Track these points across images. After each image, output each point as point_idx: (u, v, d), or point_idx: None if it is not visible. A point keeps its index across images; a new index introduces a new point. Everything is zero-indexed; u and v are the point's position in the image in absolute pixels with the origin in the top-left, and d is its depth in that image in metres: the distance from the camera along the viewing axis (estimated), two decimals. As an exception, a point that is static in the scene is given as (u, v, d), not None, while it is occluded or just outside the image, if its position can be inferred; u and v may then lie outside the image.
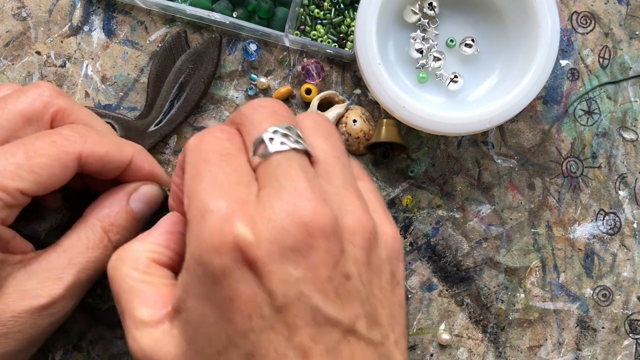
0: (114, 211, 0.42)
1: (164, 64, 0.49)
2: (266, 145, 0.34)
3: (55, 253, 0.40)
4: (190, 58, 0.49)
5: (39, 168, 0.38)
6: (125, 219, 0.42)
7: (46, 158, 0.38)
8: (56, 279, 0.39)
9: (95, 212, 0.42)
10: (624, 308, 0.50)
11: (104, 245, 0.41)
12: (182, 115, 0.49)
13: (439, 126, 0.45)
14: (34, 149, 0.38)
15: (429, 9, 0.47)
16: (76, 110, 0.42)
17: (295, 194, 0.33)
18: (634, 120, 0.51)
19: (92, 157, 0.40)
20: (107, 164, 0.41)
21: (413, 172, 0.50)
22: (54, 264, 0.40)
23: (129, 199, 0.43)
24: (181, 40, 0.49)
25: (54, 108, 0.41)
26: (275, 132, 0.35)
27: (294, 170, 0.34)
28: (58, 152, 0.38)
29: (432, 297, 0.50)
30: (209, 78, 0.49)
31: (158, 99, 0.49)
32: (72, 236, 0.41)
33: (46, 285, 0.39)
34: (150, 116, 0.48)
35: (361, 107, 0.49)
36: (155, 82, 0.49)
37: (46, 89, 0.41)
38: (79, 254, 0.40)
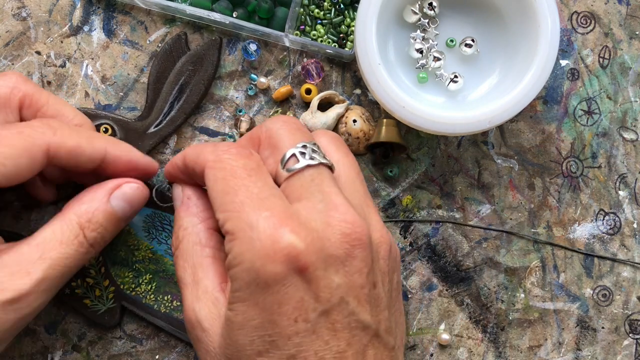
0: (92, 207, 0.40)
1: (163, 65, 0.49)
2: (297, 159, 0.37)
3: (27, 246, 0.38)
4: (190, 60, 0.49)
5: (3, 158, 0.37)
6: (103, 217, 0.41)
7: (12, 148, 0.38)
8: (25, 273, 0.38)
9: (74, 206, 0.41)
10: (624, 308, 0.50)
11: (79, 241, 0.40)
12: (182, 116, 0.49)
13: (439, 126, 0.45)
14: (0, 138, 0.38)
15: (429, 9, 0.47)
16: (45, 96, 0.42)
17: (333, 207, 0.35)
18: (634, 120, 0.51)
19: (62, 149, 0.39)
20: (79, 157, 0.40)
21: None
22: (25, 257, 0.38)
23: (109, 196, 0.41)
24: (181, 42, 0.49)
25: (20, 94, 0.41)
26: (304, 146, 0.37)
27: (326, 184, 0.36)
28: (25, 143, 0.38)
29: (432, 297, 0.50)
30: (209, 80, 0.49)
31: (158, 100, 0.49)
32: (47, 230, 0.39)
33: (14, 278, 0.37)
34: (150, 117, 0.48)
35: (361, 107, 0.49)
36: (155, 83, 0.49)
37: (13, 76, 0.41)
38: (51, 248, 0.39)
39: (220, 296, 0.37)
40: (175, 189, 0.42)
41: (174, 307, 0.47)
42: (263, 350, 0.34)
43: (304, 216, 0.35)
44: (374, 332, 0.36)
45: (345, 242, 0.35)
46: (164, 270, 0.48)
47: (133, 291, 0.48)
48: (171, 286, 0.48)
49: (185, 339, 0.48)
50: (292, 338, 0.34)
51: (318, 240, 0.34)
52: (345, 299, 0.34)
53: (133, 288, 0.48)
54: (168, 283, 0.48)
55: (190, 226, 0.40)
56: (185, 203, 0.41)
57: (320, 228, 0.35)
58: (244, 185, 0.35)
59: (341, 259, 0.35)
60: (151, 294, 0.48)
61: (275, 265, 0.33)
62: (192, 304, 0.38)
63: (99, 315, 0.47)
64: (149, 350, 0.49)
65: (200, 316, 0.37)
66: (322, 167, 0.37)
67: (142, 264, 0.48)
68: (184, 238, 0.39)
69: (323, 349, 0.34)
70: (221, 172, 0.36)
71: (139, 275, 0.48)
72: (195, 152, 0.39)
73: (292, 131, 0.38)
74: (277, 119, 0.39)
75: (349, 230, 0.35)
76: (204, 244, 0.39)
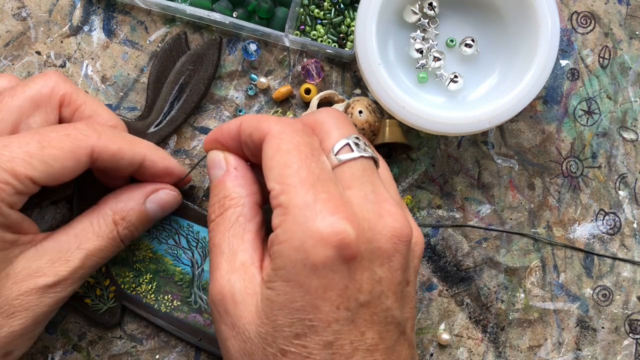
0: (128, 206, 0.43)
1: (163, 65, 0.49)
2: (351, 149, 0.37)
3: (66, 236, 0.41)
4: (190, 59, 0.49)
5: (51, 159, 0.38)
6: (137, 217, 0.43)
7: (59, 150, 0.39)
8: (64, 260, 0.40)
9: (111, 203, 0.43)
10: (624, 308, 0.50)
11: (113, 236, 0.42)
12: (182, 116, 0.49)
13: (439, 126, 0.45)
14: (48, 140, 0.39)
15: (429, 9, 0.47)
16: (82, 96, 0.43)
17: (384, 199, 0.36)
18: (634, 120, 0.51)
19: (105, 153, 0.40)
20: (120, 161, 0.41)
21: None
22: (64, 245, 0.41)
23: (146, 199, 0.44)
24: (181, 42, 0.49)
25: (61, 92, 0.42)
26: (357, 138, 0.38)
27: (375, 176, 0.38)
28: (71, 145, 0.39)
29: (432, 297, 0.50)
30: (209, 79, 0.49)
31: (158, 100, 0.49)
32: (84, 221, 0.42)
33: (54, 265, 0.40)
34: (150, 117, 0.48)
35: (367, 99, 0.49)
36: (155, 83, 0.49)
37: (53, 76, 0.42)
38: (88, 240, 0.41)
39: (257, 273, 0.37)
40: (214, 155, 0.41)
41: (175, 306, 0.48)
42: (301, 333, 0.34)
43: (357, 205, 0.35)
44: (403, 329, 0.37)
45: (395, 237, 0.35)
46: (164, 270, 0.48)
47: (134, 291, 0.48)
48: (171, 286, 0.48)
49: (185, 339, 0.48)
50: (332, 325, 0.34)
51: (369, 231, 0.35)
52: (385, 293, 0.35)
53: (134, 287, 0.48)
54: (168, 283, 0.48)
55: (237, 197, 0.39)
56: (231, 172, 0.40)
57: (372, 219, 0.35)
58: (305, 163, 0.35)
59: (388, 253, 0.35)
60: (152, 293, 0.48)
61: (327, 249, 0.33)
62: (228, 274, 0.37)
63: (99, 315, 0.47)
64: (149, 350, 0.49)
65: (235, 288, 0.36)
66: (371, 160, 0.38)
67: (143, 264, 0.48)
68: (229, 207, 0.39)
69: (358, 340, 0.34)
70: (286, 144, 0.36)
71: (139, 274, 0.48)
72: (257, 120, 0.39)
73: (344, 122, 0.39)
74: (328, 110, 0.40)
75: (399, 225, 0.36)
76: (249, 218, 0.39)
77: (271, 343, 0.35)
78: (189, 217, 0.48)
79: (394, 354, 0.36)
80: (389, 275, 0.35)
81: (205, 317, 0.48)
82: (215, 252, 0.38)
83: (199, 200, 0.49)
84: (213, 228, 0.39)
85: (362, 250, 0.34)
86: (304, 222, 0.34)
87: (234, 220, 0.39)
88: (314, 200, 0.34)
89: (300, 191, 0.34)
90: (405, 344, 0.37)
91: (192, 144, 0.50)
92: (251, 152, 0.40)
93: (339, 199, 0.35)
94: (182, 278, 0.48)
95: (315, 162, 0.36)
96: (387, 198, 0.37)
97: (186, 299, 0.48)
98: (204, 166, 0.50)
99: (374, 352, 0.35)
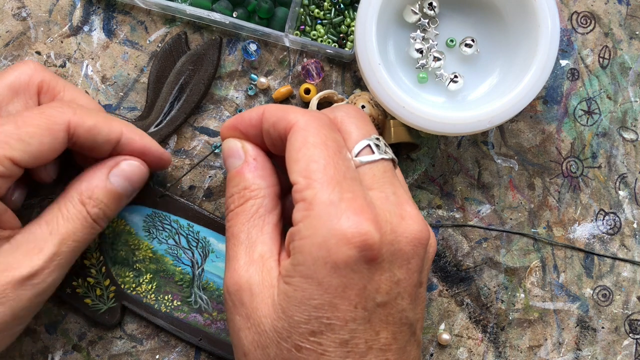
0: (92, 184, 0.42)
1: (164, 65, 0.49)
2: (372, 150, 0.37)
3: (37, 225, 0.41)
4: (191, 59, 0.49)
5: (28, 137, 0.38)
6: (103, 194, 0.42)
7: (35, 127, 0.39)
8: (37, 250, 0.40)
9: (75, 185, 0.42)
10: (624, 308, 0.50)
11: (83, 217, 0.41)
12: (182, 116, 0.49)
13: (439, 126, 0.45)
14: (22, 119, 0.39)
15: (429, 9, 0.47)
16: (61, 83, 0.43)
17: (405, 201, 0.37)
18: (634, 120, 0.51)
19: (81, 128, 0.40)
20: (97, 136, 0.41)
21: None
22: (36, 235, 0.40)
23: (109, 173, 0.42)
24: (181, 42, 0.49)
25: (38, 79, 0.42)
26: (377, 139, 0.38)
27: (395, 178, 0.38)
28: (47, 121, 0.39)
29: (432, 297, 0.50)
30: (209, 79, 0.49)
31: (158, 100, 0.49)
32: (53, 208, 0.41)
33: (27, 256, 0.39)
34: (150, 117, 0.48)
35: (368, 93, 0.49)
36: (155, 83, 0.49)
37: (31, 64, 0.42)
38: (58, 224, 0.40)
39: (275, 266, 0.36)
40: (232, 143, 0.40)
41: (175, 306, 0.48)
42: (317, 330, 0.34)
43: (379, 206, 0.35)
44: (414, 329, 0.37)
45: (415, 240, 0.36)
46: (164, 270, 0.48)
47: (134, 291, 0.48)
48: (171, 286, 0.48)
49: (185, 339, 0.48)
50: (348, 323, 0.34)
51: (391, 234, 0.35)
52: (401, 295, 0.35)
53: (134, 288, 0.48)
54: (168, 283, 0.48)
55: (257, 188, 0.39)
56: (250, 163, 0.39)
57: (394, 221, 0.35)
58: (333, 160, 0.35)
59: (407, 256, 0.35)
60: (152, 293, 0.48)
61: (350, 249, 0.33)
62: (247, 265, 0.37)
63: (100, 315, 0.47)
64: (149, 350, 0.49)
65: (253, 280, 0.36)
66: (391, 161, 0.38)
67: (143, 264, 0.48)
68: (250, 199, 0.38)
69: (373, 339, 0.35)
70: (313, 138, 0.36)
71: (139, 274, 0.48)
72: (282, 109, 0.38)
73: (364, 122, 0.39)
74: (348, 108, 0.40)
75: (419, 228, 0.36)
76: (269, 210, 0.38)
77: (286, 338, 0.35)
78: (189, 217, 0.48)
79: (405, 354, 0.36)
80: (406, 277, 0.36)
81: (205, 317, 0.48)
82: (233, 242, 0.38)
83: (199, 201, 0.49)
84: (232, 218, 0.39)
85: (383, 252, 0.34)
86: (329, 219, 0.34)
87: (254, 212, 0.38)
88: (340, 199, 0.34)
89: (326, 188, 0.34)
90: (415, 344, 0.37)
91: (192, 144, 0.50)
92: (272, 142, 0.39)
93: (364, 199, 0.35)
94: (182, 278, 0.48)
95: (342, 159, 0.36)
96: (407, 200, 0.37)
97: (186, 299, 0.48)
98: (204, 166, 0.50)
99: (386, 351, 0.35)
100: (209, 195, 0.50)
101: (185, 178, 0.50)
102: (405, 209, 0.36)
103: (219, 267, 0.48)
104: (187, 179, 0.50)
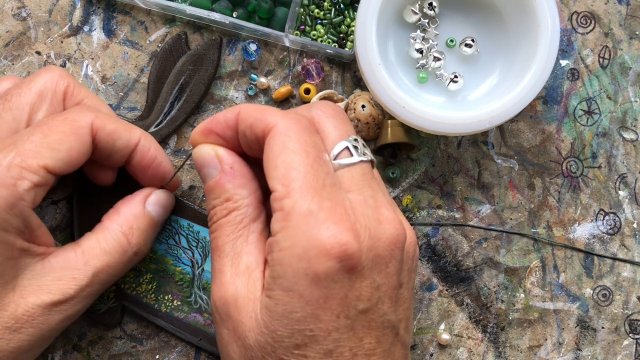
0: (132, 215, 0.43)
1: (164, 65, 0.49)
2: (350, 153, 0.37)
3: (73, 252, 0.41)
4: (191, 60, 0.49)
5: (57, 143, 0.38)
6: (144, 223, 0.43)
7: (61, 134, 0.39)
8: (71, 278, 0.40)
9: (114, 217, 0.42)
10: (624, 308, 0.50)
11: (124, 249, 0.42)
12: (182, 116, 0.49)
13: (439, 126, 0.45)
14: (48, 127, 0.39)
15: (429, 9, 0.47)
16: (84, 91, 0.44)
17: (382, 204, 0.36)
18: (634, 120, 0.51)
19: (103, 131, 0.40)
20: (116, 141, 0.41)
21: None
22: (72, 263, 0.40)
23: (144, 203, 0.44)
24: (181, 42, 0.49)
25: (64, 84, 0.42)
26: (355, 140, 0.37)
27: (373, 180, 0.37)
28: (71, 126, 0.39)
29: (432, 297, 0.50)
30: (209, 79, 0.49)
31: (158, 100, 0.49)
32: (92, 238, 0.42)
33: (60, 283, 0.39)
34: (150, 117, 0.48)
35: (368, 93, 0.49)
36: (155, 83, 0.49)
37: (56, 69, 0.43)
38: (96, 257, 0.41)
39: (259, 277, 0.36)
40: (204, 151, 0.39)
41: (175, 306, 0.48)
42: (301, 343, 0.34)
43: (358, 210, 0.35)
44: (397, 330, 0.37)
45: (392, 244, 0.35)
46: (164, 270, 0.48)
47: (134, 290, 0.48)
48: (171, 286, 0.48)
49: (185, 339, 0.48)
50: (332, 333, 0.34)
51: (370, 239, 0.34)
52: (382, 299, 0.35)
53: (134, 287, 0.48)
54: (168, 283, 0.48)
55: (240, 198, 0.38)
56: (228, 172, 0.38)
57: (372, 226, 0.35)
58: (313, 168, 0.35)
59: (385, 260, 0.35)
60: (152, 293, 0.48)
61: (330, 259, 0.33)
62: (233, 277, 0.36)
63: (100, 315, 0.47)
64: (149, 350, 0.49)
65: (239, 293, 0.36)
66: (369, 163, 0.38)
67: (143, 264, 0.48)
68: (232, 210, 0.38)
69: (357, 346, 0.34)
70: (293, 143, 0.35)
71: (139, 274, 0.48)
72: (259, 110, 0.37)
73: (342, 121, 0.38)
74: (325, 105, 0.39)
75: (395, 232, 0.36)
76: (253, 219, 0.38)
77: (271, 352, 0.34)
78: (189, 217, 0.48)
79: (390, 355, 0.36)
80: (385, 281, 0.35)
81: (205, 317, 0.48)
82: (219, 254, 0.37)
83: (199, 201, 0.49)
84: (216, 229, 0.38)
85: (363, 260, 0.34)
86: (308, 230, 0.33)
87: (238, 222, 0.37)
88: (319, 209, 0.34)
89: (305, 197, 0.34)
90: (399, 344, 0.37)
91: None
92: (249, 144, 0.38)
93: (343, 207, 0.34)
94: (182, 278, 0.48)
95: (322, 165, 0.35)
96: (384, 203, 0.36)
97: (186, 298, 0.48)
98: (204, 166, 0.50)
99: (371, 356, 0.35)
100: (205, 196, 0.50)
101: (185, 178, 0.50)
102: (382, 213, 0.36)
103: None
104: (187, 179, 0.50)
